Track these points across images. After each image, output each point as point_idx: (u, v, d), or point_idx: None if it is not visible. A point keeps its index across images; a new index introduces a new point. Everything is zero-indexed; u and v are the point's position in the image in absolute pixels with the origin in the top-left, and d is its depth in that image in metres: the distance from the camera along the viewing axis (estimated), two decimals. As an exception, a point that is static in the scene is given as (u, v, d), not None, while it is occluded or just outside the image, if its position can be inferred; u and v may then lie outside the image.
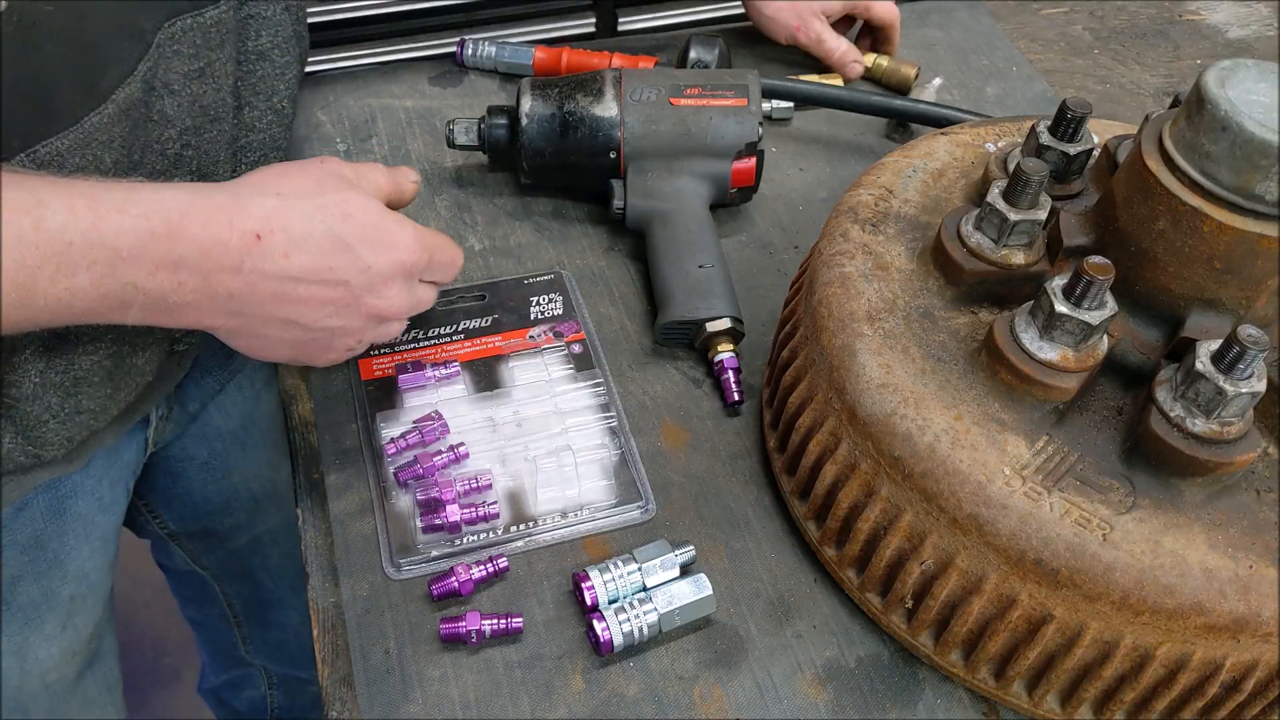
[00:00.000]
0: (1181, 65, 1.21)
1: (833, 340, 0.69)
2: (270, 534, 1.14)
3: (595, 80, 0.93)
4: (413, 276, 0.69)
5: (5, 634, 0.85)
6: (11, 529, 0.80)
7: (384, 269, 0.66)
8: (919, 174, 0.77)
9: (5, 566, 0.82)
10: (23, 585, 0.84)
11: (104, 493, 0.88)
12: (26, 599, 0.85)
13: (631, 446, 0.80)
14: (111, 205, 0.56)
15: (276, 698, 1.38)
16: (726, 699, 0.69)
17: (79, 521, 0.86)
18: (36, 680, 0.90)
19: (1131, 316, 0.65)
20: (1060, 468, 0.62)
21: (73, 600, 0.89)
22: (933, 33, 1.21)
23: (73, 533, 0.86)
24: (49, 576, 0.86)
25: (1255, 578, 0.58)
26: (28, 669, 0.89)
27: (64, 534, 0.85)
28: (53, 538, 0.84)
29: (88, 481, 0.85)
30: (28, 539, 0.82)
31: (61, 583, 0.87)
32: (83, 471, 0.83)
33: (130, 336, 0.73)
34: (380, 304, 0.67)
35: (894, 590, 0.67)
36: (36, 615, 0.87)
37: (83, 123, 0.61)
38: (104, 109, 0.62)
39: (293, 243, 0.62)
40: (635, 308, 0.91)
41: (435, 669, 0.69)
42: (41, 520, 0.83)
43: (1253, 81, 0.58)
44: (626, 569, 0.71)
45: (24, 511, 0.81)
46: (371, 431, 0.80)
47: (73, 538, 0.86)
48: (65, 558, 0.86)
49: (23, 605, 0.85)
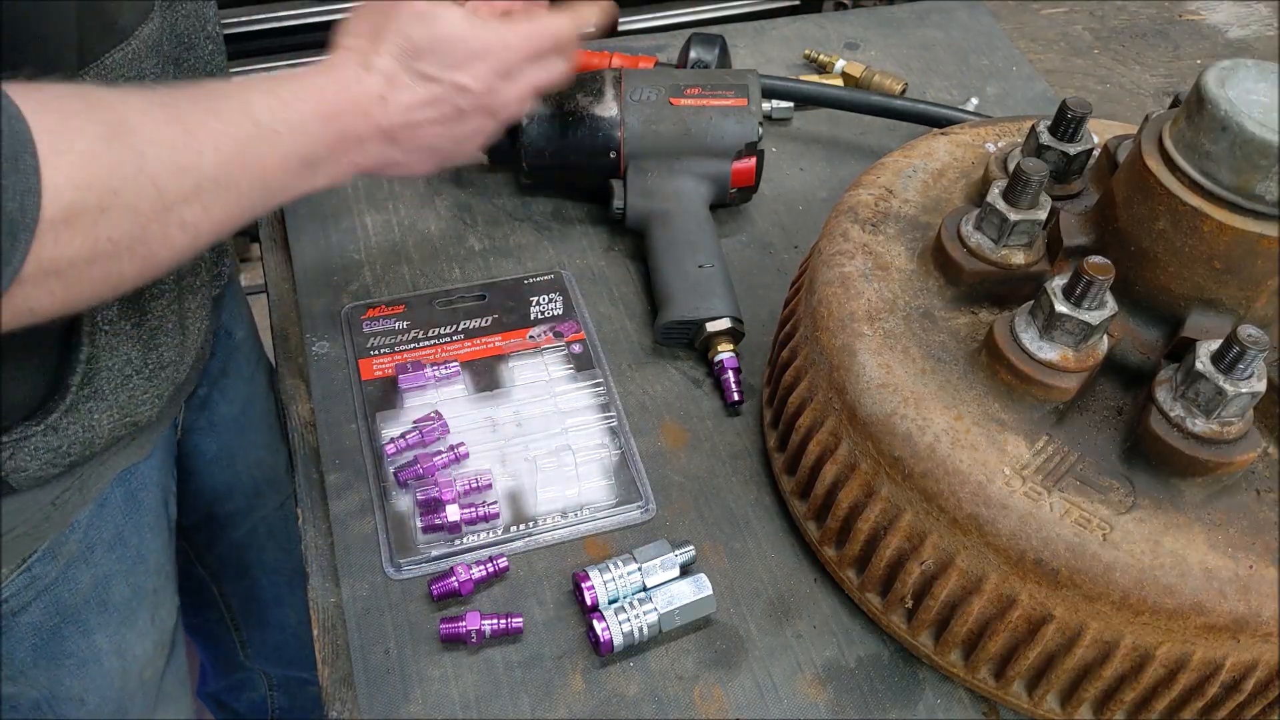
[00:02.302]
0: (1181, 65, 1.21)
1: (833, 340, 0.69)
2: (266, 524, 1.14)
3: (595, 80, 0.93)
4: (513, 71, 0.73)
5: (106, 634, 0.86)
6: (96, 526, 0.82)
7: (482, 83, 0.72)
8: (919, 174, 0.77)
9: (96, 566, 0.83)
10: (114, 583, 0.85)
11: (166, 482, 0.90)
12: (119, 597, 0.86)
13: (631, 446, 0.80)
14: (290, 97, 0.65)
15: (277, 699, 1.37)
16: (726, 699, 0.69)
17: (150, 514, 0.87)
18: (135, 678, 0.91)
19: (1131, 316, 0.65)
20: (1060, 468, 0.62)
21: (156, 593, 0.91)
22: (933, 33, 1.21)
23: (147, 525, 0.87)
24: (135, 572, 0.87)
25: (1255, 578, 0.58)
26: (128, 667, 0.90)
27: (140, 528, 0.86)
28: (132, 533, 0.86)
29: (153, 472, 0.86)
30: (111, 536, 0.83)
31: (145, 576, 0.89)
32: (147, 461, 0.85)
33: (182, 277, 0.77)
34: (495, 102, 0.73)
35: (894, 590, 0.67)
36: (130, 612, 0.88)
37: (138, 33, 0.67)
38: (150, 20, 0.69)
39: (405, 90, 0.70)
40: (635, 308, 0.91)
41: (435, 669, 0.69)
42: (121, 516, 0.84)
43: (1253, 81, 0.58)
44: (626, 569, 0.71)
45: (105, 508, 0.82)
46: (371, 431, 0.80)
47: (148, 530, 0.88)
48: (145, 551, 0.88)
49: (117, 604, 0.86)
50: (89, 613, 0.84)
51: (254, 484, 1.10)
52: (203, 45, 0.78)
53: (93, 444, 0.74)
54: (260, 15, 1.78)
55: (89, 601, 0.84)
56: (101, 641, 0.86)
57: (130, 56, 0.66)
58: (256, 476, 1.10)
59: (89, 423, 0.72)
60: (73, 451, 0.72)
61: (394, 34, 0.69)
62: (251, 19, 1.78)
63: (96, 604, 0.85)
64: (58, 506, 0.76)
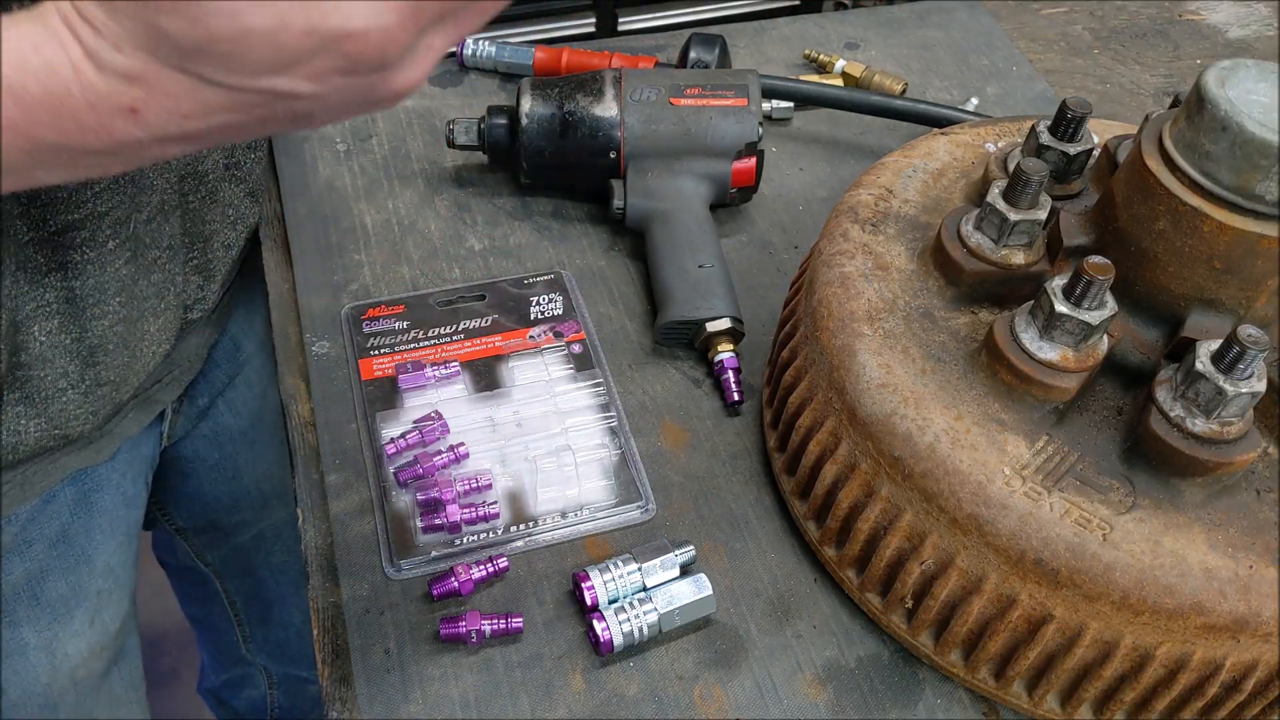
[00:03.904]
0: (1181, 65, 1.21)
1: (833, 340, 0.69)
2: (274, 530, 1.14)
3: (595, 80, 0.93)
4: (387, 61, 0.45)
5: (35, 629, 0.85)
6: (39, 522, 0.81)
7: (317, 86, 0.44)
8: (919, 174, 0.77)
9: (33, 560, 0.82)
10: (51, 580, 0.84)
11: (127, 487, 0.89)
12: (55, 594, 0.85)
13: (631, 446, 0.80)
14: None
15: (276, 697, 1.37)
16: (726, 699, 0.69)
17: (105, 516, 0.86)
18: (65, 677, 0.90)
19: (1131, 316, 0.65)
20: (1060, 468, 0.62)
21: (100, 595, 0.90)
22: (933, 33, 1.21)
23: (99, 527, 0.86)
24: (77, 571, 0.86)
25: (1255, 578, 0.58)
26: (57, 665, 0.89)
27: (90, 529, 0.85)
28: (80, 532, 0.85)
29: (113, 475, 0.85)
30: (55, 533, 0.82)
31: (89, 578, 0.88)
32: (108, 464, 0.84)
33: (140, 301, 0.74)
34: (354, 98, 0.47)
35: (894, 590, 0.67)
36: (65, 610, 0.87)
37: None
38: None
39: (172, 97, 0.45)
40: (635, 308, 0.91)
41: (435, 669, 0.69)
42: (68, 514, 0.83)
43: (1253, 81, 0.58)
44: (626, 569, 0.71)
45: (51, 504, 0.81)
46: (371, 431, 0.80)
47: (99, 533, 0.86)
48: (92, 552, 0.87)
49: (51, 600, 0.85)
50: (18, 605, 0.83)
51: (261, 496, 1.10)
52: None
53: (17, 449, 0.72)
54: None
55: (19, 594, 0.83)
56: (29, 636, 0.85)
57: None
58: (265, 489, 1.09)
59: (15, 427, 0.71)
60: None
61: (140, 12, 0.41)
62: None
63: (28, 597, 0.84)
64: None
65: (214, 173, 0.81)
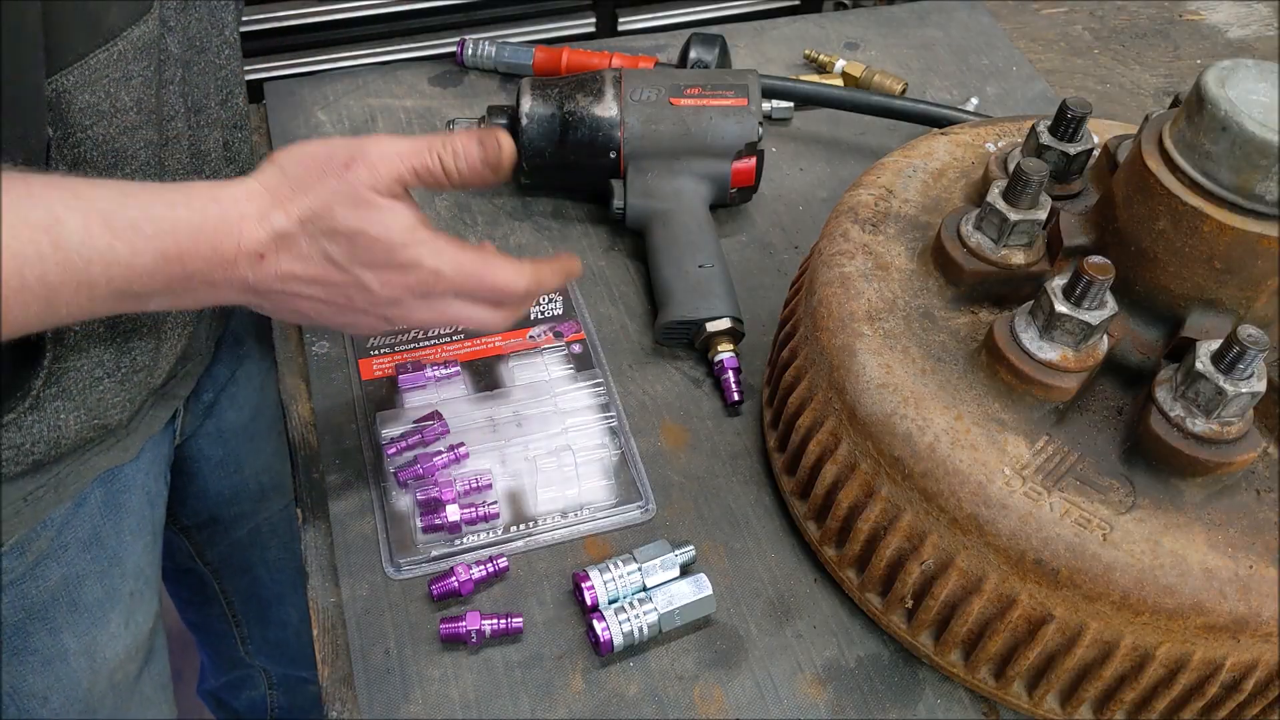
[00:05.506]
0: (1181, 65, 1.21)
1: (833, 340, 0.69)
2: (270, 524, 1.14)
3: (595, 80, 0.93)
4: (432, 296, 0.65)
5: (74, 634, 0.86)
6: (72, 526, 0.81)
7: (388, 293, 0.63)
8: (919, 174, 0.77)
9: (68, 565, 0.82)
10: (87, 583, 0.85)
11: (151, 486, 0.89)
12: (91, 597, 0.86)
13: (631, 446, 0.80)
14: (125, 225, 0.57)
15: (276, 698, 1.37)
16: (726, 699, 0.69)
17: (133, 516, 0.87)
18: (105, 680, 0.91)
19: (1131, 316, 0.65)
20: (1060, 468, 0.62)
21: (132, 596, 0.90)
22: (933, 33, 1.21)
23: (128, 529, 0.87)
24: (110, 574, 0.87)
25: (1255, 578, 0.58)
26: (97, 669, 0.89)
27: (120, 530, 0.86)
28: (110, 535, 0.85)
29: (138, 475, 0.86)
30: (87, 536, 0.83)
31: (121, 579, 0.88)
32: (134, 464, 0.84)
33: None
34: (394, 314, 0.65)
35: (894, 590, 0.67)
36: (102, 614, 0.87)
37: (127, 34, 0.63)
38: (145, 21, 0.64)
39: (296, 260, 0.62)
40: (635, 308, 0.91)
41: (435, 669, 0.69)
42: (99, 516, 0.83)
43: (1253, 81, 0.58)
44: (626, 569, 0.71)
45: (82, 508, 0.81)
46: (371, 431, 0.80)
47: (128, 534, 0.87)
48: (123, 554, 0.87)
49: (88, 604, 0.86)
50: (57, 611, 0.84)
51: (260, 488, 1.10)
52: (217, 49, 0.77)
53: (59, 444, 0.73)
54: (261, 15, 1.78)
55: (58, 600, 0.83)
56: (69, 641, 0.86)
57: (116, 57, 0.63)
58: (264, 482, 1.10)
59: (55, 422, 0.72)
60: (37, 450, 0.72)
61: (318, 201, 0.60)
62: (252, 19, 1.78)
63: (66, 603, 0.84)
64: (29, 502, 0.76)
65: (215, 158, 0.82)
